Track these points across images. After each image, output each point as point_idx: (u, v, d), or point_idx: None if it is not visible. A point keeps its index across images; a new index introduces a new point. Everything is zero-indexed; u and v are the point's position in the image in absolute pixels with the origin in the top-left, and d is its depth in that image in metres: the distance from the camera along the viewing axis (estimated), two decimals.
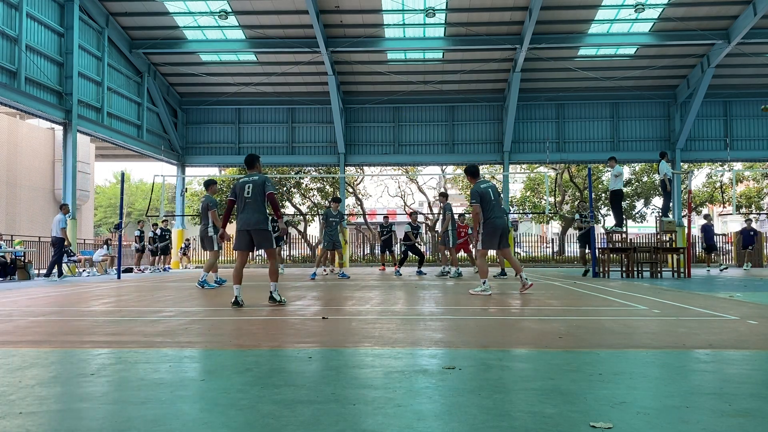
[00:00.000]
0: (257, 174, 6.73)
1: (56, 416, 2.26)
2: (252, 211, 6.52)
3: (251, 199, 6.54)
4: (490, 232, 7.98)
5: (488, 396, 2.51)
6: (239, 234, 6.59)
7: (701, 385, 2.74)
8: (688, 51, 20.74)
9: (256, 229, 6.51)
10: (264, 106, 24.26)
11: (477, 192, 7.92)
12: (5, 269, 13.56)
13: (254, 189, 6.54)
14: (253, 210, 6.52)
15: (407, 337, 4.24)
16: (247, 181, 6.63)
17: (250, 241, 6.58)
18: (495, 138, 23.66)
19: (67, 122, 16.41)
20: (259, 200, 6.54)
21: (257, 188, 6.54)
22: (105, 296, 8.10)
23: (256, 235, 6.52)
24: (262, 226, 6.53)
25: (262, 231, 6.52)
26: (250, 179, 6.63)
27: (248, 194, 6.55)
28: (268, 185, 6.60)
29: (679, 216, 22.86)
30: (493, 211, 7.97)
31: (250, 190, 6.55)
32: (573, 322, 5.10)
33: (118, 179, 48.26)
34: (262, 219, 6.54)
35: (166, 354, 3.61)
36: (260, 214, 6.53)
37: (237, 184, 6.73)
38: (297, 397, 2.49)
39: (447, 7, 18.56)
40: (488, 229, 7.98)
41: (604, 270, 13.34)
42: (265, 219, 6.56)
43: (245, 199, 6.56)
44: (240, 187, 6.64)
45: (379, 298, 7.40)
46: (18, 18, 14.89)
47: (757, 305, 6.40)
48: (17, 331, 4.64)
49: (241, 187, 6.63)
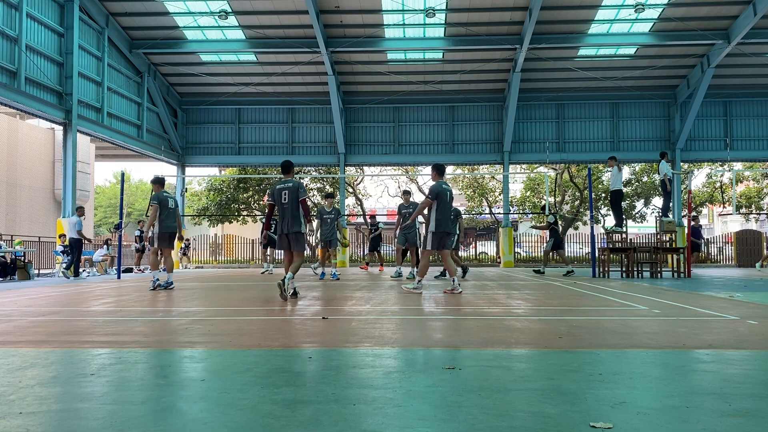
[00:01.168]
0: (291, 180, 7.46)
1: (56, 416, 2.26)
2: (290, 217, 7.31)
3: (288, 205, 7.32)
4: (439, 234, 8.24)
5: (488, 396, 2.51)
6: (281, 237, 7.42)
7: (701, 385, 2.74)
8: (688, 51, 20.74)
9: (293, 233, 7.29)
10: (264, 106, 24.25)
11: (436, 190, 8.23)
12: (5, 269, 13.57)
13: (290, 195, 7.32)
14: (291, 215, 7.30)
15: (407, 337, 4.24)
16: (283, 188, 7.39)
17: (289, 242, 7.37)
18: (495, 138, 23.66)
19: (67, 122, 16.41)
20: (294, 206, 7.31)
21: (292, 194, 7.32)
22: (105, 296, 8.10)
23: (292, 238, 7.30)
24: (298, 230, 7.32)
25: (297, 234, 7.32)
26: (285, 185, 7.39)
27: (285, 201, 7.34)
28: (302, 192, 7.39)
29: (679, 216, 22.86)
30: (444, 213, 8.24)
31: (287, 197, 7.33)
32: (573, 322, 5.11)
33: (118, 179, 48.26)
34: (298, 224, 7.31)
35: (166, 354, 3.61)
36: (296, 219, 7.31)
37: (274, 189, 7.49)
38: (297, 397, 2.49)
39: (447, 7, 18.56)
40: (438, 230, 8.22)
41: (604, 270, 13.34)
42: (300, 223, 7.33)
43: (283, 205, 7.36)
44: (278, 193, 7.41)
45: (379, 299, 7.40)
46: (18, 18, 14.89)
47: (757, 305, 6.41)
48: (17, 331, 4.64)
49: (279, 193, 7.40)
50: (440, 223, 8.19)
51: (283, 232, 7.35)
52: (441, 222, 8.18)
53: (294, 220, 7.27)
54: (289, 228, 7.29)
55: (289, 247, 7.40)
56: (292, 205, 7.27)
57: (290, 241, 7.33)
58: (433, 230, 8.21)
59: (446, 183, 8.42)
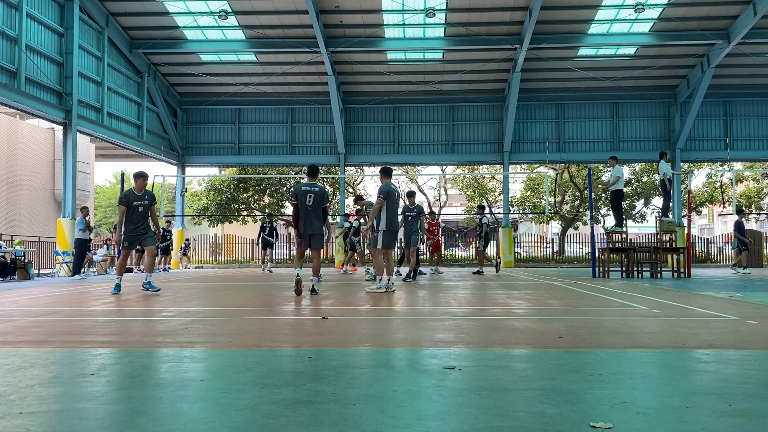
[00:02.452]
0: (317, 185, 7.85)
1: (56, 416, 2.26)
2: (312, 218, 7.75)
3: (312, 207, 7.73)
4: (390, 232, 8.55)
5: (488, 396, 2.51)
6: (303, 237, 7.79)
7: (701, 385, 2.74)
8: (688, 51, 20.73)
9: (314, 234, 7.76)
10: (264, 106, 24.25)
11: (387, 189, 8.54)
12: (5, 269, 13.57)
13: (315, 199, 7.75)
14: (314, 217, 7.75)
15: (407, 337, 4.24)
16: (309, 191, 7.75)
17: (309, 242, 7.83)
18: (495, 138, 23.66)
19: (67, 122, 16.40)
20: (318, 210, 7.78)
21: (318, 199, 7.76)
22: (105, 296, 8.10)
23: (314, 239, 7.79)
24: (319, 231, 7.83)
25: (318, 236, 7.83)
26: (311, 189, 7.77)
27: (310, 203, 7.73)
28: (326, 199, 7.94)
29: (679, 216, 22.86)
30: (395, 212, 8.63)
31: (312, 200, 7.73)
32: (573, 322, 5.10)
33: (118, 179, 48.23)
34: (319, 225, 7.80)
35: (166, 354, 3.61)
36: (318, 221, 7.79)
37: (299, 190, 7.76)
38: (297, 397, 2.49)
39: (447, 7, 18.56)
40: (389, 228, 8.51)
41: (604, 270, 13.34)
42: (321, 225, 7.84)
43: (306, 207, 7.72)
44: (303, 194, 7.73)
45: (379, 299, 7.40)
46: (18, 18, 14.89)
47: (757, 305, 6.41)
48: (17, 331, 4.64)
49: (303, 194, 7.72)
50: (391, 222, 8.56)
51: (305, 232, 7.76)
52: (392, 221, 8.57)
53: (317, 222, 7.75)
54: (312, 229, 7.74)
55: (309, 246, 7.89)
56: (315, 208, 7.73)
57: (311, 240, 7.79)
58: (384, 228, 8.50)
59: (393, 184, 8.81)
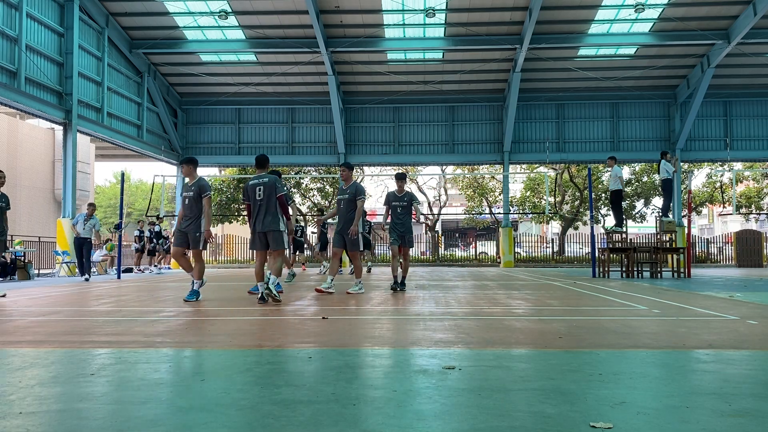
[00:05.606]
0: (266, 175, 6.84)
1: (56, 416, 2.26)
2: (265, 213, 6.69)
3: (263, 201, 6.71)
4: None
5: (488, 396, 2.51)
6: (256, 236, 6.77)
7: (701, 385, 2.74)
8: (688, 51, 20.73)
9: (269, 231, 6.69)
10: (264, 106, 24.25)
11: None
12: (5, 269, 13.56)
13: (265, 191, 6.70)
14: (266, 212, 6.69)
15: (407, 337, 4.24)
16: (257, 183, 6.77)
17: (267, 242, 6.77)
18: (495, 138, 23.66)
19: (67, 122, 16.41)
20: (271, 202, 6.70)
21: (268, 190, 6.70)
22: (105, 296, 8.10)
23: (270, 236, 6.71)
24: (275, 227, 6.70)
25: (275, 232, 6.71)
26: (260, 181, 6.77)
27: (260, 196, 6.72)
28: (279, 187, 6.75)
29: (679, 216, 22.86)
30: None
31: (262, 193, 6.72)
32: (573, 322, 5.10)
33: (118, 179, 48.25)
34: (275, 220, 6.71)
35: (166, 354, 3.61)
36: (273, 215, 6.70)
37: (248, 186, 6.83)
38: (297, 397, 2.49)
39: (447, 7, 18.56)
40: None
41: (604, 270, 13.34)
42: (277, 220, 6.72)
43: (258, 202, 6.74)
44: (251, 189, 6.77)
45: (379, 299, 7.40)
46: (18, 18, 14.89)
47: (757, 305, 6.41)
48: (17, 331, 4.64)
49: (252, 189, 6.76)
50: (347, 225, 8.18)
51: (261, 230, 6.71)
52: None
53: (271, 217, 6.67)
54: (266, 226, 6.67)
55: (265, 247, 6.81)
56: (268, 200, 6.69)
57: (268, 240, 6.74)
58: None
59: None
